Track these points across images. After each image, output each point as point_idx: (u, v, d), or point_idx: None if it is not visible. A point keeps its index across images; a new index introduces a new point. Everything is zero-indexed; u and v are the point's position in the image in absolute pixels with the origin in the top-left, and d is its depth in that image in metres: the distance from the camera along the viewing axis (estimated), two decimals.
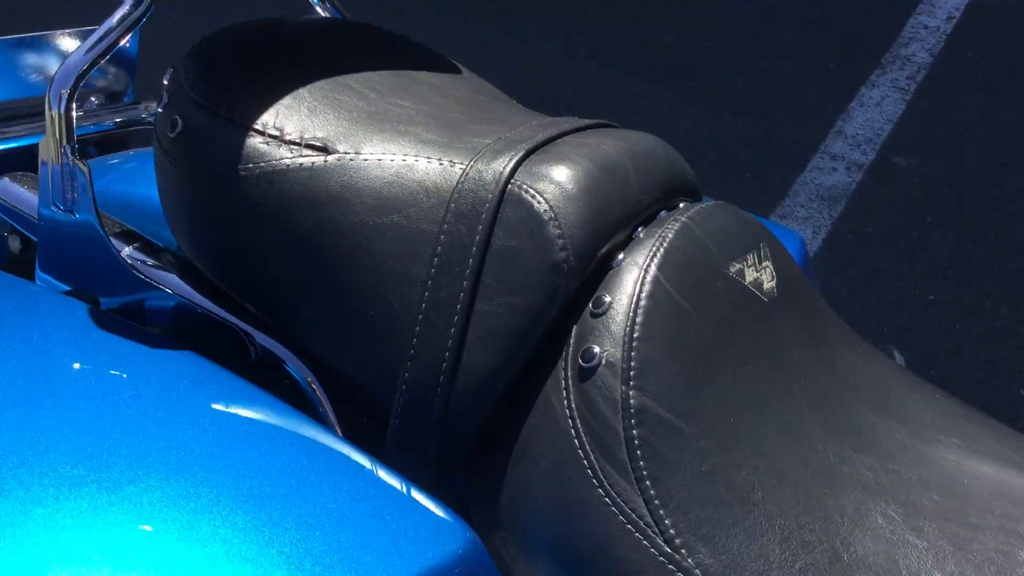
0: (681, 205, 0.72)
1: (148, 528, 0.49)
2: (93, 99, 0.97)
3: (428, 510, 0.57)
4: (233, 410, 0.62)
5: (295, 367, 0.71)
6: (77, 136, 0.81)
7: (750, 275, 0.70)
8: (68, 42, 0.95)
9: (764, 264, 0.72)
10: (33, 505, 0.49)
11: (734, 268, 0.69)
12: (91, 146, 0.95)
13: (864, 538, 0.60)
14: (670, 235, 0.66)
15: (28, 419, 0.55)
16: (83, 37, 0.91)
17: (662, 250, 0.65)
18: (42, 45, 0.94)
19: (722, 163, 2.46)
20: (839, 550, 0.59)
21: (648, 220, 0.69)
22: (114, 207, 0.80)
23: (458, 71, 0.86)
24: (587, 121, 0.75)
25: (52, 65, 0.95)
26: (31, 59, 0.96)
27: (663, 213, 0.70)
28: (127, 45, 0.90)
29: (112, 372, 0.63)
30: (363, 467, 0.59)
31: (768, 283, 0.72)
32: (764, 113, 2.65)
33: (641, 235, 0.67)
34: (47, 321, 0.69)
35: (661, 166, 0.72)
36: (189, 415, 0.60)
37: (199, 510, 0.51)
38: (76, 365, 0.64)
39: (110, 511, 0.50)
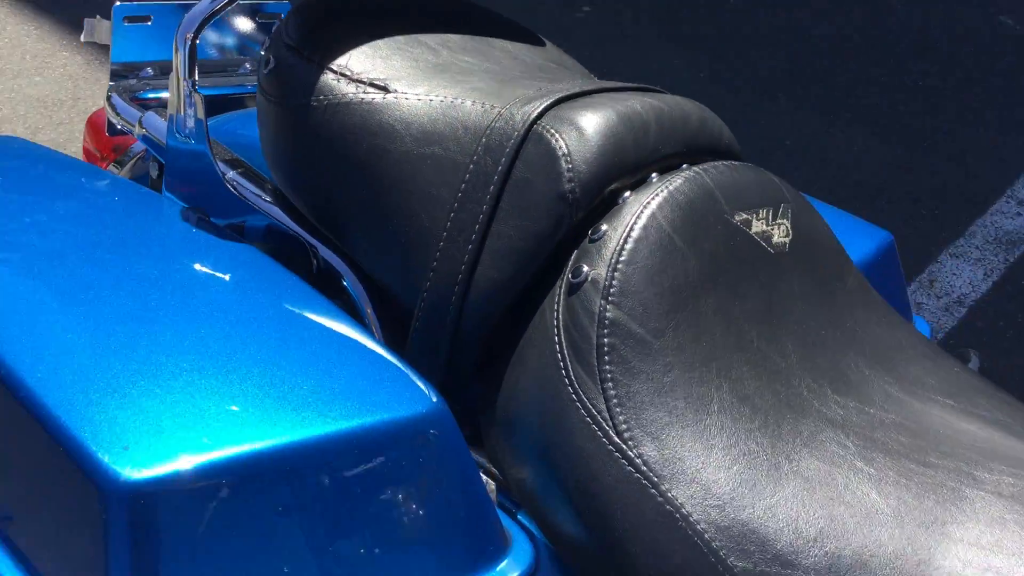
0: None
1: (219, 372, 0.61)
2: (248, 65, 1.13)
3: (406, 385, 0.65)
4: (289, 301, 0.74)
5: (348, 279, 0.81)
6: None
7: (757, 226, 0.75)
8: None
9: (779, 221, 0.77)
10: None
11: (739, 217, 0.74)
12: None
13: (810, 457, 0.64)
14: (678, 181, 0.73)
15: (147, 294, 0.69)
16: None
17: (666, 192, 0.72)
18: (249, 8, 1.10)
19: (906, 200, 2.41)
20: (781, 462, 0.64)
21: (667, 170, 0.76)
22: (230, 144, 0.94)
23: (542, 44, 0.95)
24: (631, 84, 0.82)
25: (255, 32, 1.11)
26: (239, 24, 1.12)
27: (685, 166, 0.76)
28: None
29: (209, 265, 0.76)
30: (368, 349, 0.68)
31: (779, 238, 0.76)
32: (956, 155, 2.58)
33: (653, 180, 0.74)
34: (170, 224, 0.83)
35: (689, 125, 0.78)
36: (262, 300, 0.72)
37: (260, 362, 0.63)
38: (185, 259, 0.77)
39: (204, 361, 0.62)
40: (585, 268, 0.69)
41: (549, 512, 0.67)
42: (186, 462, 0.54)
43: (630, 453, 0.63)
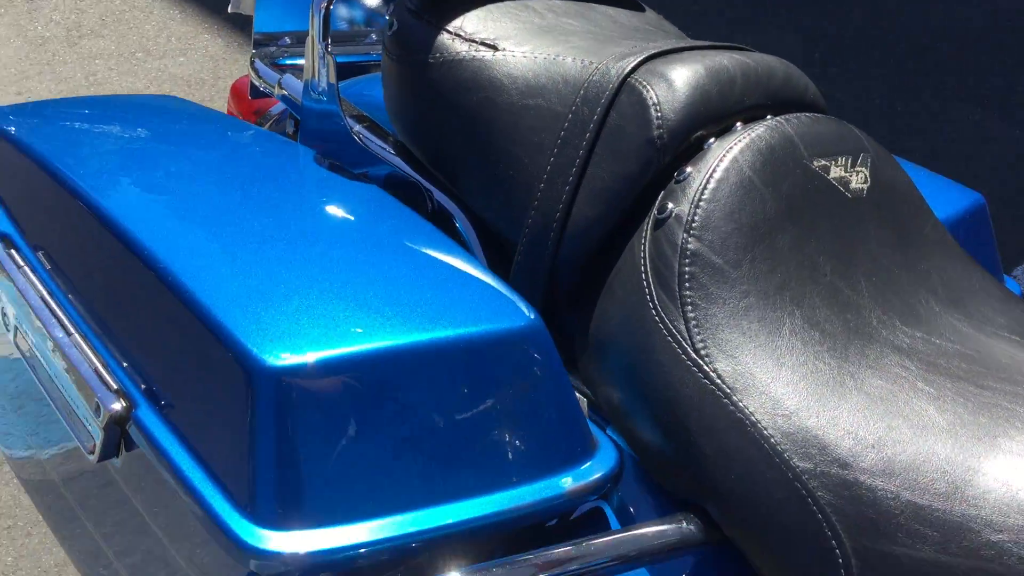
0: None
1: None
2: (374, 35, 1.23)
3: (508, 303, 0.74)
4: (409, 229, 0.83)
5: (459, 219, 0.90)
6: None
7: (836, 172, 0.81)
8: None
9: (858, 169, 0.82)
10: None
11: (818, 163, 0.80)
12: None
13: (874, 377, 0.70)
14: (760, 129, 0.79)
15: (286, 218, 0.79)
16: None
17: (748, 138, 0.78)
18: None
19: None
20: (845, 380, 0.70)
21: (751, 120, 0.82)
22: (357, 103, 1.04)
23: (642, 9, 1.02)
24: (722, 43, 0.88)
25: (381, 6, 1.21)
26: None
27: (769, 117, 0.83)
28: None
29: (339, 197, 0.86)
30: (477, 273, 0.77)
31: (857, 184, 0.82)
32: None
33: (737, 128, 0.80)
34: (305, 165, 0.93)
35: (774, 79, 0.85)
36: (386, 227, 0.82)
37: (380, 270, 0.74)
38: (319, 191, 0.87)
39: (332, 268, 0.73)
40: (670, 205, 0.77)
41: (633, 424, 0.75)
42: (320, 353, 0.64)
43: (706, 368, 0.70)
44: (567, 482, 0.72)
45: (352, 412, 0.65)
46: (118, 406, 0.70)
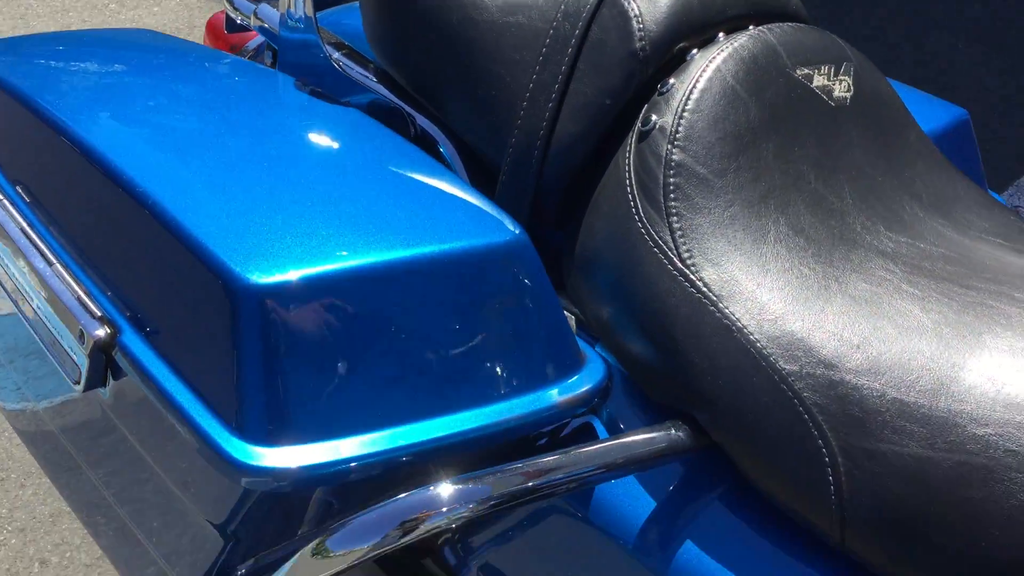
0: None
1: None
2: None
3: (492, 219, 0.73)
4: (392, 150, 0.82)
5: (443, 143, 0.89)
6: None
7: (819, 80, 0.80)
8: None
9: (840, 78, 0.82)
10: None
11: (801, 72, 0.79)
12: None
13: (858, 280, 0.70)
14: (743, 39, 0.78)
15: (267, 141, 0.78)
16: None
17: (731, 48, 0.77)
18: None
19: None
20: (830, 284, 0.70)
21: (733, 31, 0.81)
22: (336, 31, 1.03)
23: None
24: None
25: None
26: None
27: (751, 27, 0.82)
28: None
29: (321, 120, 0.85)
30: (462, 191, 0.76)
31: (840, 92, 0.81)
32: None
33: (720, 39, 0.80)
34: (285, 91, 0.92)
35: None
36: (369, 147, 0.81)
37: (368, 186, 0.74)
38: (300, 115, 0.86)
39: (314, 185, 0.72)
40: (654, 117, 0.76)
41: (622, 337, 0.75)
42: (304, 271, 0.64)
43: (692, 276, 0.70)
44: (555, 395, 0.72)
45: (337, 329, 0.65)
46: (102, 332, 0.70)
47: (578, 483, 0.67)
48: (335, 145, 0.79)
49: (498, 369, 0.70)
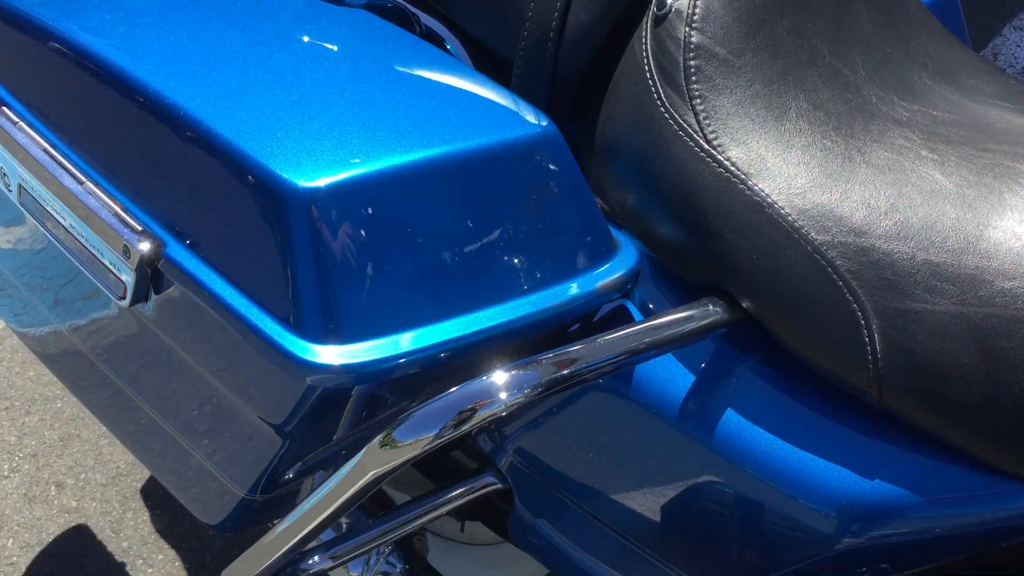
0: None
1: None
2: None
3: (520, 112, 0.75)
4: (410, 50, 0.82)
5: (451, 42, 0.90)
6: None
7: None
8: None
9: None
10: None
11: None
12: None
13: (880, 150, 0.73)
14: None
15: (286, 50, 0.77)
16: None
17: None
18: None
19: None
20: (853, 155, 0.72)
21: None
22: None
23: None
24: None
25: None
26: None
27: None
28: None
29: (335, 24, 0.83)
30: (487, 87, 0.77)
31: None
32: None
33: None
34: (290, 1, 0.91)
35: None
36: (387, 48, 0.80)
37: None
38: (313, 21, 0.85)
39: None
40: (669, 1, 0.77)
41: (650, 222, 0.77)
42: (349, 172, 0.65)
43: (719, 157, 0.72)
44: (593, 280, 0.74)
45: (383, 227, 0.66)
46: (147, 246, 0.71)
47: (624, 363, 0.70)
48: (357, 48, 0.79)
49: (537, 259, 0.72)
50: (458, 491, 0.96)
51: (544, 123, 0.73)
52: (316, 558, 0.92)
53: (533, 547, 0.97)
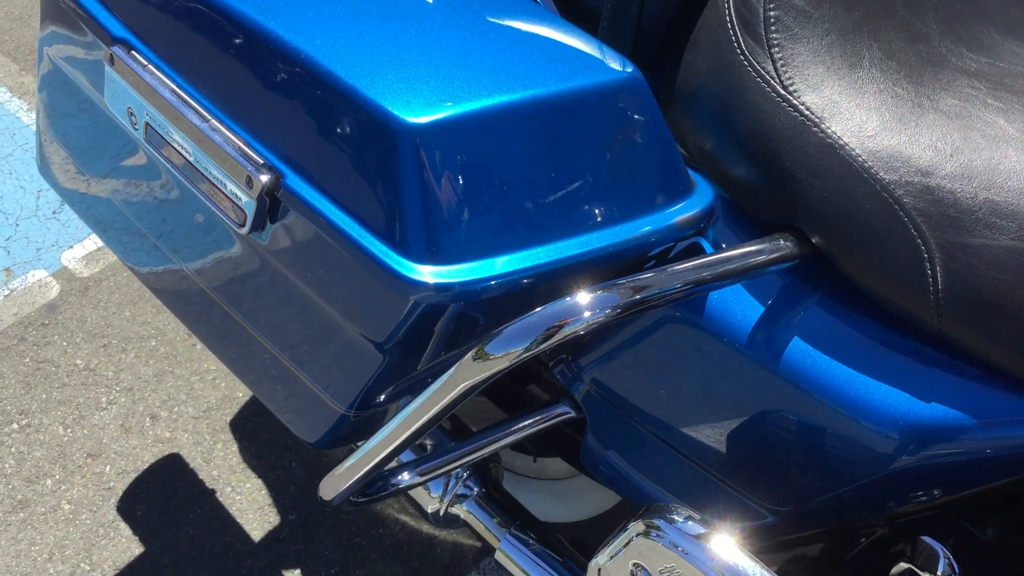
0: None
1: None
2: None
3: (606, 59, 0.80)
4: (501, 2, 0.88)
5: None
6: None
7: None
8: None
9: None
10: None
11: None
12: None
13: (948, 97, 0.77)
14: None
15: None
16: None
17: None
18: None
19: None
20: (923, 102, 0.77)
21: None
22: None
23: None
24: None
25: None
26: None
27: None
28: None
29: None
30: (577, 36, 0.83)
31: None
32: None
33: None
34: None
35: None
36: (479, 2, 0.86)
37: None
38: None
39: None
40: None
41: (727, 164, 0.83)
42: (453, 110, 0.71)
43: (795, 101, 0.77)
44: (671, 216, 0.80)
45: (481, 161, 0.73)
46: (268, 176, 0.78)
47: (698, 290, 0.76)
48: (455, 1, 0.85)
49: (617, 195, 0.78)
50: (534, 419, 1.03)
51: (629, 69, 0.79)
52: (405, 474, 0.99)
53: (604, 475, 1.04)
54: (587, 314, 0.73)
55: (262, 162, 0.79)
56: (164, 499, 1.60)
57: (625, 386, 0.93)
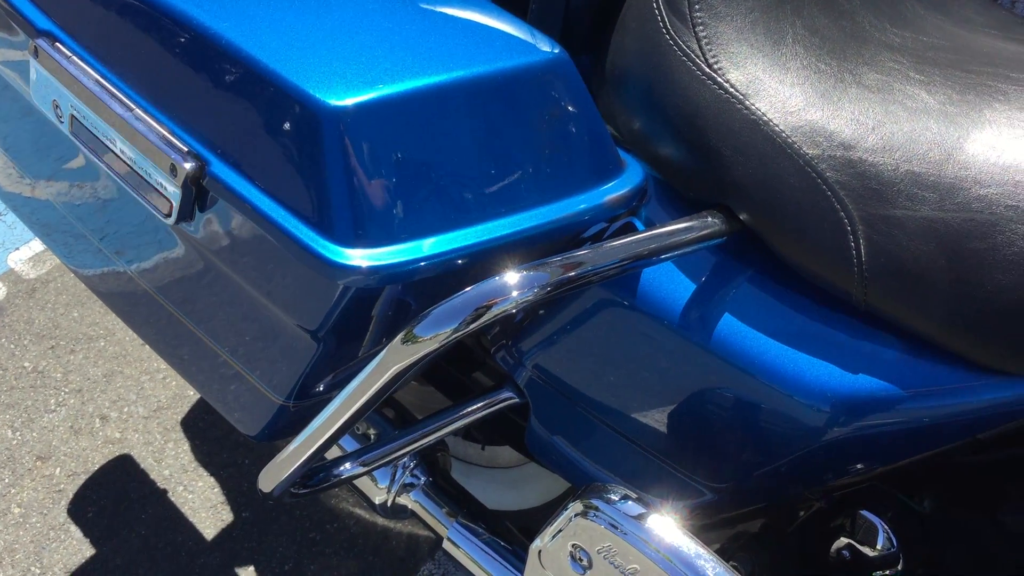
0: None
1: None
2: None
3: (534, 41, 0.80)
4: None
5: None
6: None
7: None
8: None
9: None
10: None
11: None
12: None
13: (870, 72, 0.78)
14: None
15: None
16: None
17: None
18: None
19: None
20: (845, 76, 0.77)
21: None
22: None
23: None
24: None
25: None
26: None
27: None
28: None
29: None
30: (502, 18, 0.83)
31: None
32: None
33: None
34: None
35: None
36: None
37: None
38: None
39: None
40: None
41: (656, 143, 0.83)
42: (376, 92, 0.71)
43: (719, 79, 0.78)
44: (601, 195, 0.80)
45: (406, 143, 0.72)
46: (192, 163, 0.77)
47: (628, 267, 0.76)
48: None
49: (548, 174, 0.78)
50: (478, 404, 1.03)
51: (556, 50, 0.79)
52: (347, 464, 0.99)
53: (549, 459, 1.04)
54: (515, 293, 0.73)
55: (186, 149, 0.79)
56: (115, 500, 1.58)
57: (564, 369, 0.93)
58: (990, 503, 0.86)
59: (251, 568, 1.51)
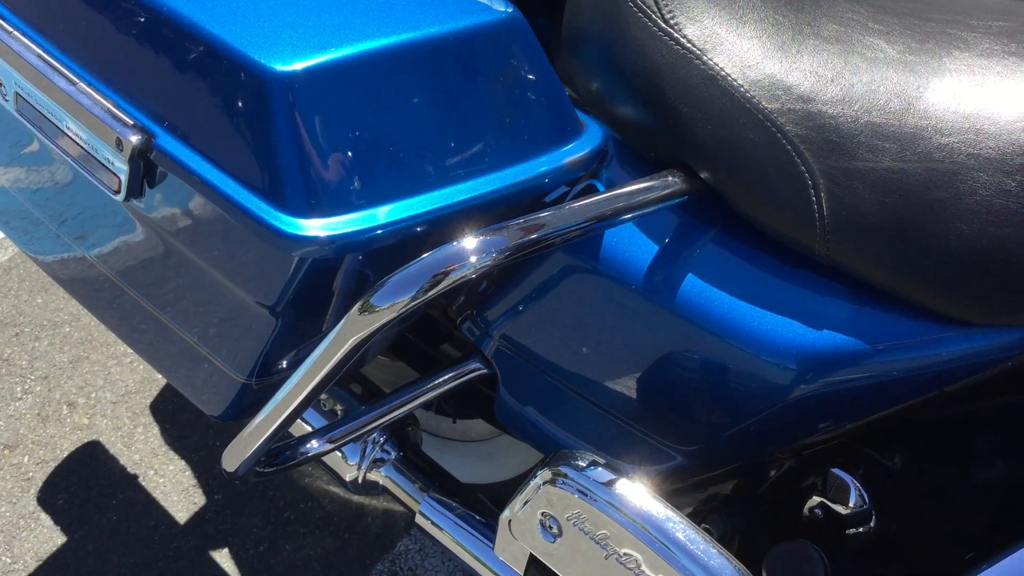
0: None
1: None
2: None
3: (487, 1, 0.78)
4: None
5: None
6: None
7: None
8: None
9: None
10: None
11: None
12: None
13: (828, 23, 0.77)
14: None
15: None
16: None
17: None
18: None
19: None
20: (803, 28, 0.76)
21: None
22: None
23: None
24: None
25: None
26: None
27: None
28: None
29: None
30: None
31: None
32: None
33: None
34: None
35: None
36: None
37: None
38: None
39: None
40: None
41: (614, 102, 0.81)
42: (324, 56, 0.69)
43: (676, 35, 0.76)
44: (560, 158, 0.79)
45: (358, 108, 0.70)
46: (138, 137, 0.75)
47: (589, 229, 0.75)
48: None
49: (506, 138, 0.77)
50: (445, 377, 1.01)
51: (510, 10, 0.77)
52: (314, 441, 0.97)
53: (519, 429, 1.03)
54: (474, 259, 0.72)
55: (132, 123, 0.76)
56: (85, 487, 1.56)
57: (530, 337, 0.92)
58: (959, 457, 0.86)
59: (225, 550, 1.49)
